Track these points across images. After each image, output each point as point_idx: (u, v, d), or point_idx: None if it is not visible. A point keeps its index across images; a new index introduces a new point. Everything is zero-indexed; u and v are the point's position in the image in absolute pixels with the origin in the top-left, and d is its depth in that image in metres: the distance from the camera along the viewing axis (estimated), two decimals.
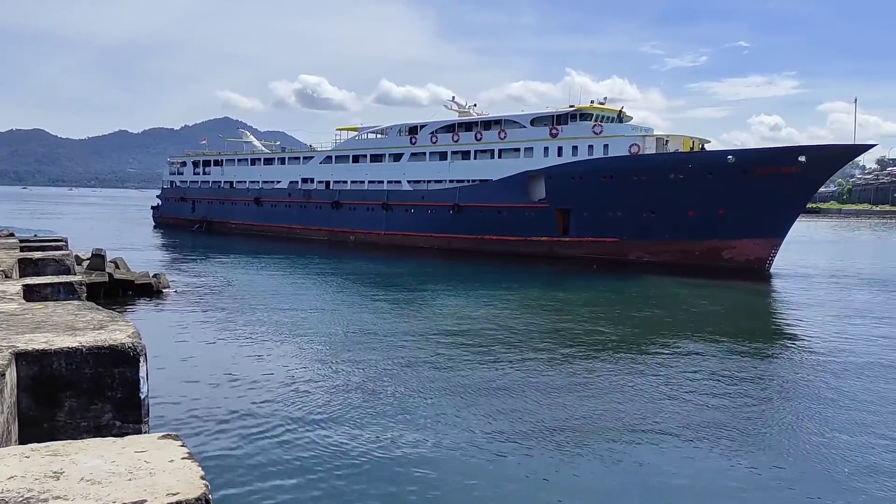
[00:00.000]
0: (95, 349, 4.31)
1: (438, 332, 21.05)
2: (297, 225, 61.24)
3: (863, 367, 17.56)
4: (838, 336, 21.63)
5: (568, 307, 27.09)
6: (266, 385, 14.98)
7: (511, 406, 13.75)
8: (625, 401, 14.29)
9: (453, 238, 49.23)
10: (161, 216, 78.69)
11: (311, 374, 15.92)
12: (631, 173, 41.74)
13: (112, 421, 4.22)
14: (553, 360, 17.65)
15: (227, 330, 21.02)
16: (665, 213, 40.93)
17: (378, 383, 15.22)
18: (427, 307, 26.14)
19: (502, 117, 50.97)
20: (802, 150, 38.41)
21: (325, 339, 19.90)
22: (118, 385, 4.29)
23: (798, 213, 41.02)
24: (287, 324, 22.12)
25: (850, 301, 29.51)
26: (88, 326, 5.10)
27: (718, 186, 38.92)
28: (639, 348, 19.61)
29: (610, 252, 42.64)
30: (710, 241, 40.16)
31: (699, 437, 12.22)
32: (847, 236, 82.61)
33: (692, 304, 28.71)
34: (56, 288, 8.00)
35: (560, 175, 44.66)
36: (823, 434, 12.49)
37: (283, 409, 13.24)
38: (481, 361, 17.41)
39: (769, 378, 16.67)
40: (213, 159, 74.45)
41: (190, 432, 11.72)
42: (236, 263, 41.26)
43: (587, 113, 46.21)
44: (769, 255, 39.85)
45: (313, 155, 63.10)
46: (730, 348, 19.48)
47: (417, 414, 13.19)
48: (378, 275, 37.51)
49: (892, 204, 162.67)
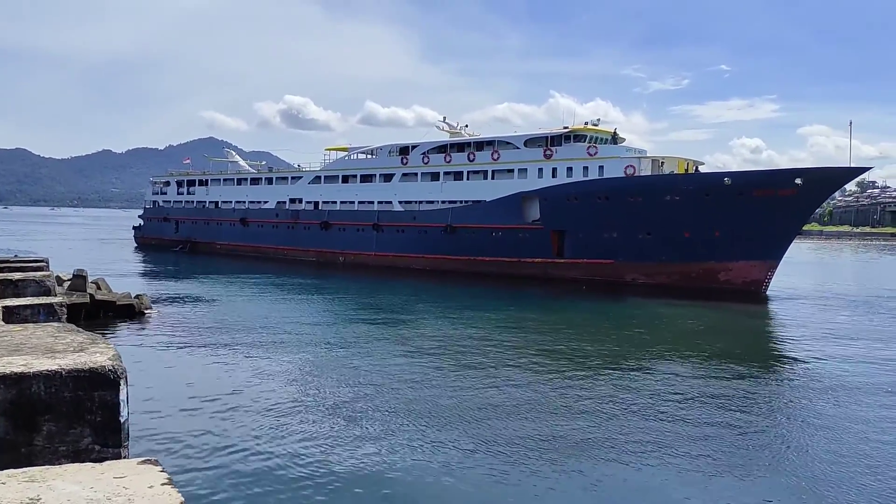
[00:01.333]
0: (75, 372, 4.28)
1: (425, 353, 21.06)
2: (285, 246, 61.17)
3: (858, 389, 17.63)
4: (832, 358, 21.73)
5: (558, 329, 27.14)
6: (248, 409, 14.91)
7: (492, 427, 13.76)
8: (609, 422, 14.31)
9: (446, 259, 49.29)
10: (143, 236, 78.41)
11: (295, 398, 15.88)
12: (627, 195, 42.02)
13: (91, 445, 4.19)
14: (541, 382, 17.65)
15: (209, 352, 20.94)
16: (661, 234, 41.17)
17: (362, 406, 15.23)
18: (415, 329, 26.11)
19: (495, 138, 51.30)
20: (799, 172, 38.78)
21: (310, 362, 19.83)
22: (98, 409, 4.26)
23: (794, 235, 41.34)
24: (271, 346, 22.05)
25: (844, 322, 29.73)
26: (68, 349, 5.08)
27: (715, 208, 39.22)
28: (626, 370, 19.63)
29: (605, 274, 42.76)
30: (706, 263, 40.37)
31: (683, 459, 12.25)
32: (830, 258, 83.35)
33: (684, 326, 28.85)
34: (36, 309, 7.97)
35: (555, 196, 44.91)
36: (812, 456, 12.50)
37: (266, 434, 13.19)
38: (466, 383, 17.46)
39: (756, 400, 16.67)
40: (197, 179, 74.43)
41: (170, 457, 11.68)
42: (220, 284, 41.11)
43: (581, 134, 46.61)
44: (766, 278, 40.06)
45: (302, 175, 63.23)
46: (720, 370, 19.53)
47: (400, 436, 13.22)
48: (367, 296, 37.44)
49: (873, 226, 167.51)
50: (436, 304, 33.49)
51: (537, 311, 32.28)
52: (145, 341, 22.63)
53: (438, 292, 39.38)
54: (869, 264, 75.48)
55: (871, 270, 66.58)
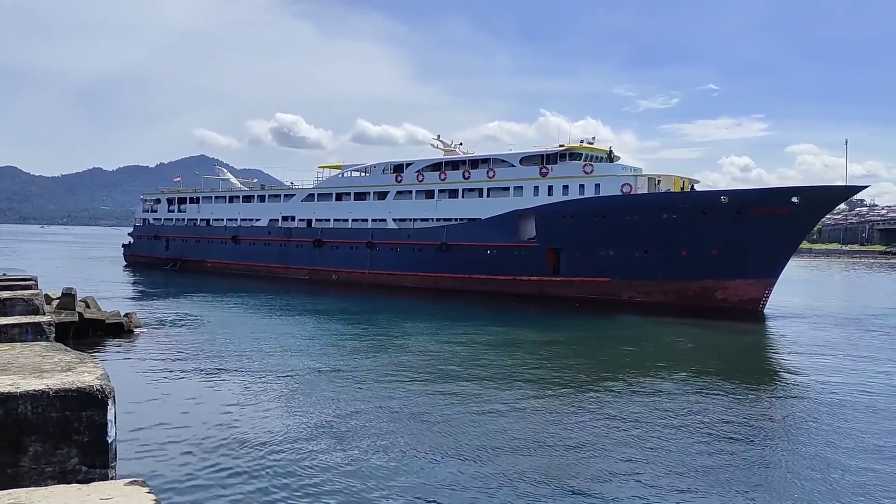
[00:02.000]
0: (62, 392, 4.25)
1: (417, 376, 20.92)
2: (277, 264, 61.12)
3: (855, 407, 17.61)
4: (827, 375, 21.70)
5: (550, 349, 27.11)
6: (237, 429, 14.85)
7: (479, 447, 13.73)
8: (597, 441, 14.24)
9: (440, 277, 49.29)
10: (132, 254, 78.22)
11: (285, 418, 15.83)
12: (624, 213, 42.18)
13: (78, 466, 4.15)
14: (530, 406, 17.58)
15: (198, 371, 20.85)
16: (658, 252, 41.29)
17: (351, 425, 15.22)
18: (406, 350, 25.99)
19: (490, 156, 51.53)
20: (796, 190, 39.03)
21: (299, 383, 19.72)
22: (85, 429, 4.23)
23: (791, 253, 41.50)
24: (261, 365, 21.97)
25: (843, 341, 29.70)
26: (56, 368, 5.03)
27: (712, 226, 39.41)
28: (616, 388, 19.63)
29: (601, 292, 42.80)
30: (703, 282, 40.48)
31: (671, 478, 12.19)
32: (822, 276, 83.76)
33: (676, 345, 28.88)
34: (24, 328, 7.93)
35: (551, 214, 45.05)
36: (804, 476, 12.46)
37: (254, 455, 13.13)
38: (457, 401, 17.47)
39: (752, 422, 16.60)
40: (188, 196, 74.50)
41: (158, 478, 11.63)
42: (211, 303, 41.02)
43: (577, 152, 46.87)
44: (763, 296, 40.16)
45: (295, 193, 63.30)
46: (715, 388, 19.49)
47: (387, 457, 13.19)
48: (360, 314, 37.32)
49: (861, 244, 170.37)
50: (429, 323, 33.35)
51: (530, 330, 32.23)
52: (134, 360, 22.54)
53: (432, 311, 39.29)
54: (862, 282, 75.79)
55: (866, 288, 66.79)
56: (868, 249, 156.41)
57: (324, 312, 37.61)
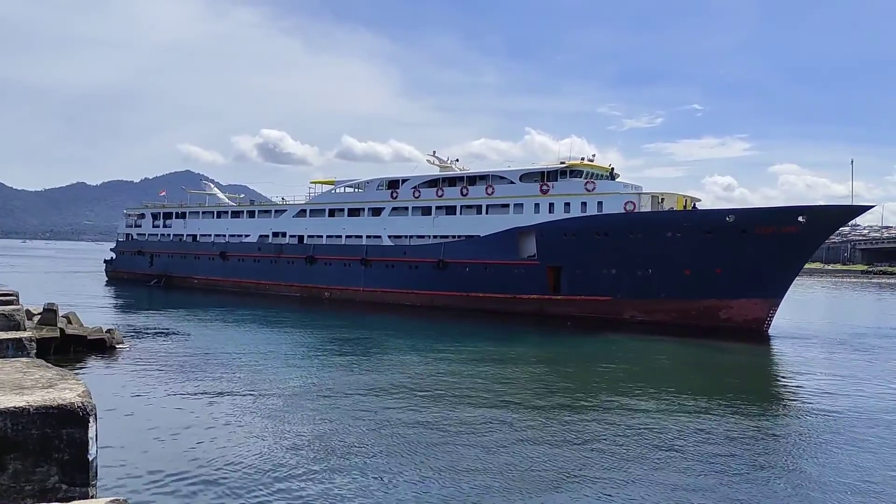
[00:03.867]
0: (43, 409, 4.30)
1: (404, 390, 21.09)
2: (268, 280, 61.04)
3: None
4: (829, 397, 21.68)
5: (550, 366, 27.16)
6: (220, 447, 14.85)
7: (462, 467, 13.74)
8: (587, 464, 14.24)
9: (437, 295, 49.27)
10: (115, 270, 77.90)
11: (269, 437, 15.83)
12: (628, 231, 42.34)
13: (58, 484, 4.17)
14: (526, 420, 17.55)
15: (181, 389, 20.85)
16: (661, 271, 41.38)
17: (334, 445, 15.28)
18: (400, 366, 26.04)
19: (489, 172, 51.72)
20: (803, 210, 39.22)
21: (286, 400, 19.73)
22: (66, 446, 4.27)
23: (797, 273, 41.65)
24: (246, 383, 21.98)
25: (843, 361, 29.72)
26: (37, 385, 5.03)
27: (717, 245, 39.55)
28: (609, 410, 19.63)
29: (603, 311, 42.82)
30: (706, 301, 40.54)
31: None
32: (804, 295, 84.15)
33: (675, 365, 29.00)
34: (4, 344, 7.90)
35: (552, 231, 45.15)
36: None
37: (239, 474, 13.15)
38: (446, 421, 17.57)
39: (752, 446, 16.58)
40: (175, 211, 74.47)
41: (140, 498, 11.61)
42: (196, 319, 40.95)
43: (578, 170, 47.08)
44: (767, 316, 40.22)
45: (286, 208, 63.32)
46: (716, 410, 19.45)
47: (369, 476, 13.32)
48: (352, 332, 37.15)
49: (844, 263, 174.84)
50: (426, 342, 33.18)
51: (526, 349, 32.35)
52: (116, 377, 22.51)
53: (430, 329, 39.11)
54: (851, 301, 76.20)
55: (855, 307, 67.00)
56: (850, 269, 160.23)
57: (314, 329, 37.50)
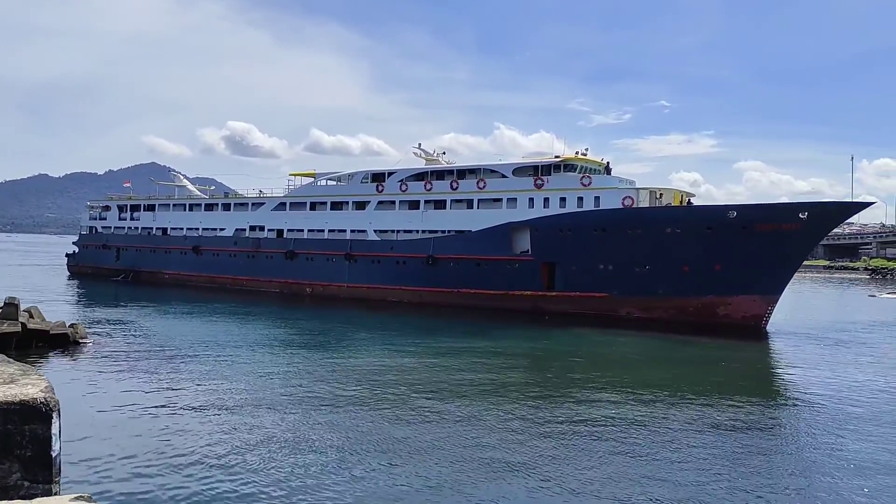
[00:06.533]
0: (4, 405, 4.23)
1: (383, 394, 20.86)
2: (244, 276, 60.45)
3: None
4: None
5: (539, 362, 27.99)
6: (186, 443, 15.10)
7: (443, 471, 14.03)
8: (576, 461, 14.78)
9: (426, 291, 49.62)
10: (78, 265, 75.99)
11: (236, 432, 16.12)
12: (626, 226, 43.38)
13: (20, 481, 4.16)
14: (518, 420, 18.02)
15: (146, 383, 21.11)
16: (659, 267, 42.56)
17: (302, 440, 15.65)
18: (381, 360, 26.59)
19: (480, 166, 52.20)
20: (804, 206, 40.72)
21: (255, 395, 20.05)
22: (28, 443, 4.22)
23: (795, 269, 43.22)
24: (211, 377, 22.33)
25: (835, 358, 31.10)
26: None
27: (716, 242, 40.89)
28: (601, 405, 20.02)
29: (599, 308, 43.79)
30: (704, 298, 41.87)
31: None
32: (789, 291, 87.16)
33: (667, 363, 29.61)
34: None
35: (546, 227, 45.92)
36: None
37: (204, 470, 13.46)
38: (424, 419, 17.91)
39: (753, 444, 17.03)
40: (143, 203, 73.10)
41: (105, 494, 11.81)
42: (164, 315, 40.76)
43: (572, 164, 47.95)
44: (766, 313, 41.67)
45: (264, 201, 62.81)
46: (711, 405, 20.30)
47: (343, 473, 13.59)
48: (330, 329, 37.23)
49: (807, 258, 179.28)
50: (411, 339, 33.29)
51: (518, 344, 33.15)
52: (80, 372, 22.61)
53: (418, 326, 39.14)
54: (820, 296, 79.08)
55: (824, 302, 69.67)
56: (813, 264, 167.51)
57: (290, 325, 37.59)
